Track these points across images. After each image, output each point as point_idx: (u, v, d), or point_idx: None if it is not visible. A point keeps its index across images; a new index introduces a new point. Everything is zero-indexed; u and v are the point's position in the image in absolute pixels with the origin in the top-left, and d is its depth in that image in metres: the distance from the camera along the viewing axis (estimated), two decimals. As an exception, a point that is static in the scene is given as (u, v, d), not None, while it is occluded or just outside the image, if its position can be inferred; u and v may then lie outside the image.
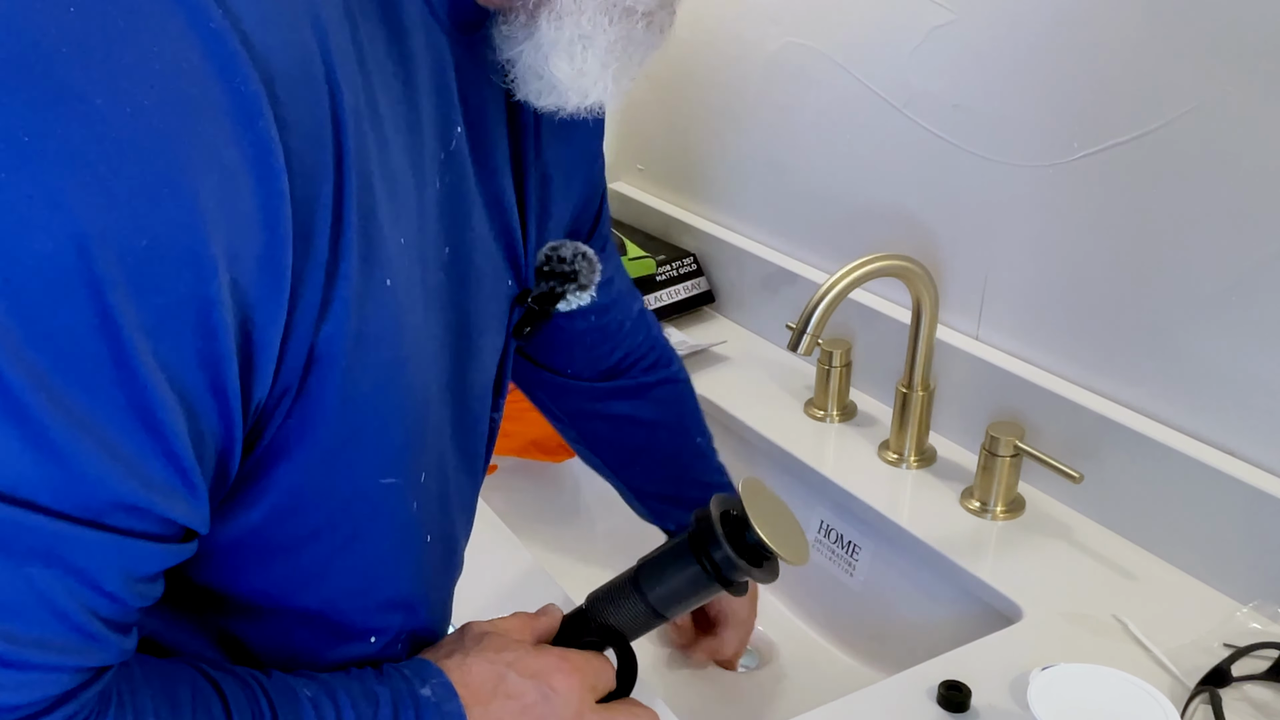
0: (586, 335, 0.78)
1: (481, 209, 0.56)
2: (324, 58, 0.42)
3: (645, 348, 0.83)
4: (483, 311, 0.58)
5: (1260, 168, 0.77)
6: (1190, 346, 0.85)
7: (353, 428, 0.48)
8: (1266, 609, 0.81)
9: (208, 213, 0.38)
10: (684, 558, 0.62)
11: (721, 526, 0.61)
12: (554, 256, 0.63)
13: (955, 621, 0.91)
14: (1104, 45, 0.84)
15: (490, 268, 0.58)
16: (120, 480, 0.39)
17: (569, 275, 0.63)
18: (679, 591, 0.63)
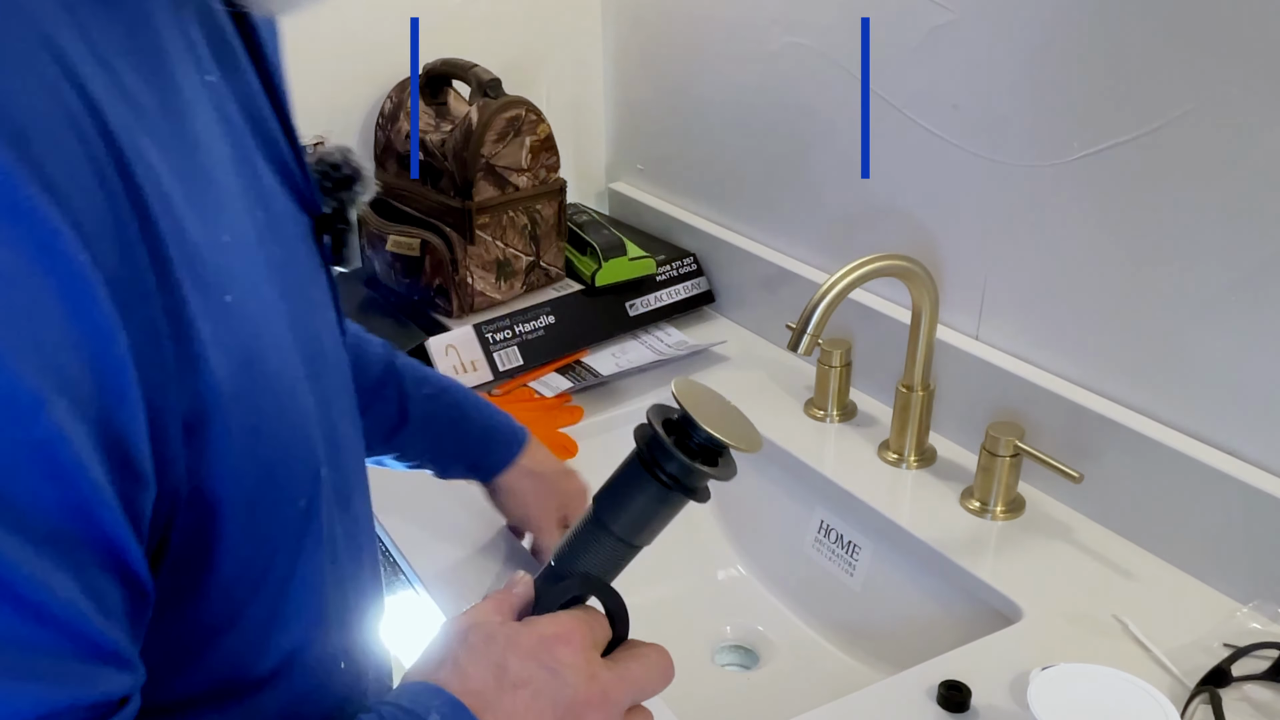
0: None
1: (259, 153, 0.50)
2: (73, 84, 0.35)
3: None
4: (300, 260, 0.53)
5: (1260, 168, 0.77)
6: (1190, 346, 0.85)
7: (260, 466, 0.44)
8: (1266, 609, 0.81)
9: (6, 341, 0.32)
10: (639, 479, 0.58)
11: (667, 434, 0.57)
12: (326, 167, 0.59)
13: (955, 621, 0.91)
14: (1104, 45, 0.84)
15: (287, 210, 0.52)
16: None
17: (351, 177, 0.60)
18: (644, 515, 0.59)
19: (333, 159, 0.59)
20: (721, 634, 1.06)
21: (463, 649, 0.53)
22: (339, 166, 0.59)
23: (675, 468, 0.57)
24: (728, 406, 0.60)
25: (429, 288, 1.24)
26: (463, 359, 1.18)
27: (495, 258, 1.24)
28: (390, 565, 0.96)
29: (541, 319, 1.23)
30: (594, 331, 1.27)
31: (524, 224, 1.25)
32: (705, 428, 0.56)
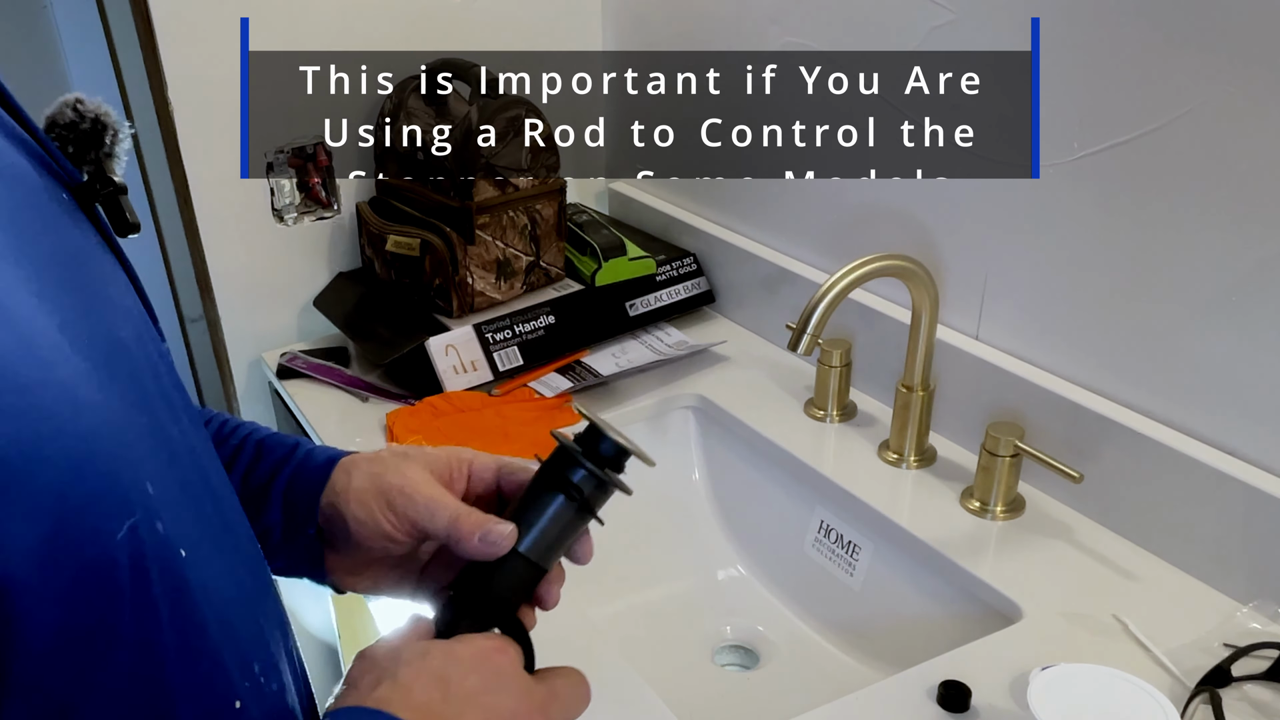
0: None
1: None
2: None
3: None
4: (53, 232, 0.43)
5: (1260, 168, 0.77)
6: (1190, 346, 0.85)
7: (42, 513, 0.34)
8: (1266, 609, 0.81)
9: None
10: (545, 495, 0.55)
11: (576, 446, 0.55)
12: (61, 129, 0.49)
13: (955, 621, 0.91)
14: (1104, 45, 0.84)
15: (28, 185, 0.44)
16: None
17: (96, 128, 0.49)
18: (552, 533, 0.55)
19: (65, 117, 0.49)
20: (721, 634, 1.06)
21: (398, 665, 0.49)
22: (75, 123, 0.49)
23: (582, 478, 0.55)
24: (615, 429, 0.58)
25: (429, 288, 1.24)
26: (463, 359, 1.18)
27: (495, 258, 1.24)
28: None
29: (541, 319, 1.23)
30: (594, 331, 1.27)
31: (524, 224, 1.25)
32: (614, 436, 0.55)
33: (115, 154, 0.50)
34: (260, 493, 0.61)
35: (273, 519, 0.61)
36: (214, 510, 0.47)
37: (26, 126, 0.46)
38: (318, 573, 0.62)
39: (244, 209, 1.29)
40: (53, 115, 0.49)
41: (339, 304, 1.33)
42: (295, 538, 0.60)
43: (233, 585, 0.46)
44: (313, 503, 0.60)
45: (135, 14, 1.18)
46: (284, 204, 1.31)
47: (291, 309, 1.36)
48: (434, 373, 1.16)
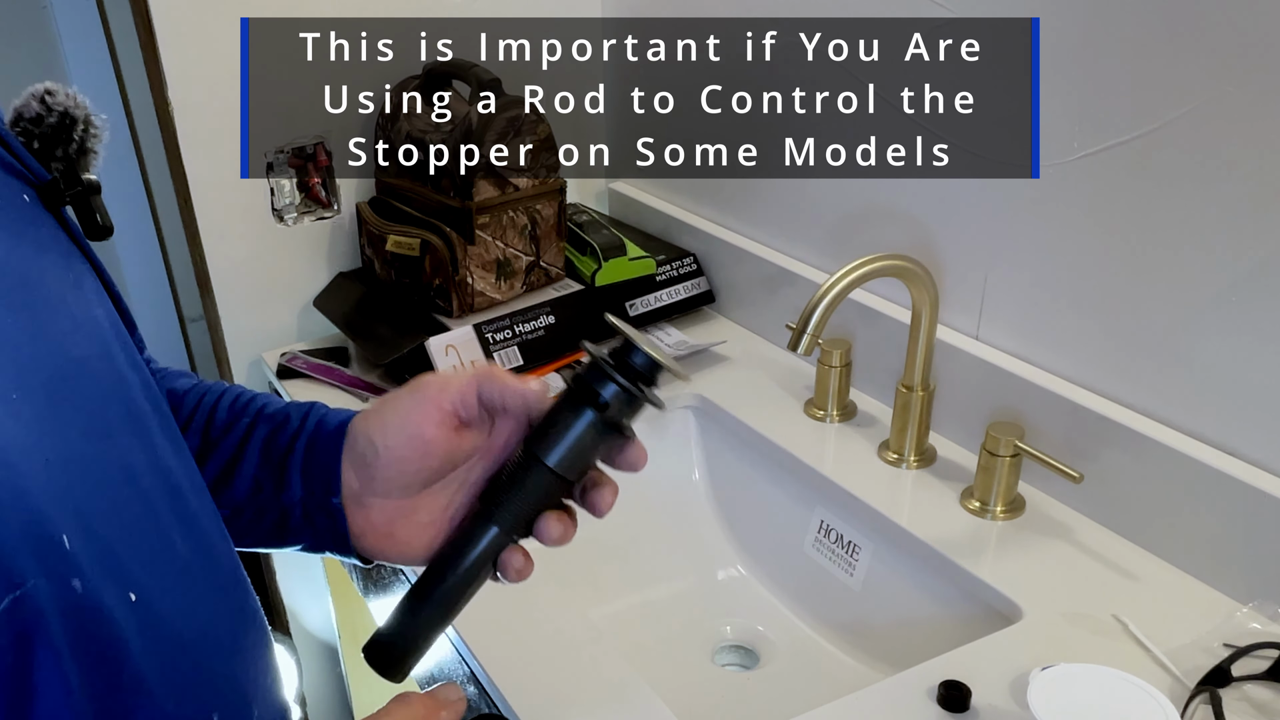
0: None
1: None
2: None
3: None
4: (28, 262, 0.40)
5: (1260, 168, 0.77)
6: (1190, 346, 0.85)
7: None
8: (1266, 609, 0.81)
9: None
10: (573, 408, 0.55)
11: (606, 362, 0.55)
12: (26, 124, 0.45)
13: (955, 621, 0.91)
14: (1104, 45, 0.84)
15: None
16: None
17: (64, 122, 0.45)
18: (579, 447, 0.55)
19: (30, 111, 0.45)
20: (721, 634, 1.06)
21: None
22: (41, 117, 0.45)
23: (615, 392, 0.55)
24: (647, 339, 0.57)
25: (429, 288, 1.24)
26: (463, 359, 1.18)
27: (495, 258, 1.24)
28: (390, 565, 0.96)
29: (541, 319, 1.23)
30: (594, 332, 1.27)
31: (524, 224, 1.25)
32: (644, 348, 0.55)
33: (91, 150, 0.46)
34: (279, 469, 0.59)
35: (293, 496, 0.59)
36: (185, 539, 0.44)
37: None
38: (343, 544, 0.59)
39: (244, 209, 1.29)
40: (19, 108, 0.45)
41: (339, 304, 1.33)
42: (318, 512, 0.59)
43: (200, 623, 0.43)
44: (333, 468, 0.58)
45: (135, 14, 1.18)
46: (284, 204, 1.31)
47: (291, 309, 1.36)
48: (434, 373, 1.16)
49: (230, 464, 0.60)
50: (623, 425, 0.56)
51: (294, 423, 0.61)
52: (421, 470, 0.57)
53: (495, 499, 0.56)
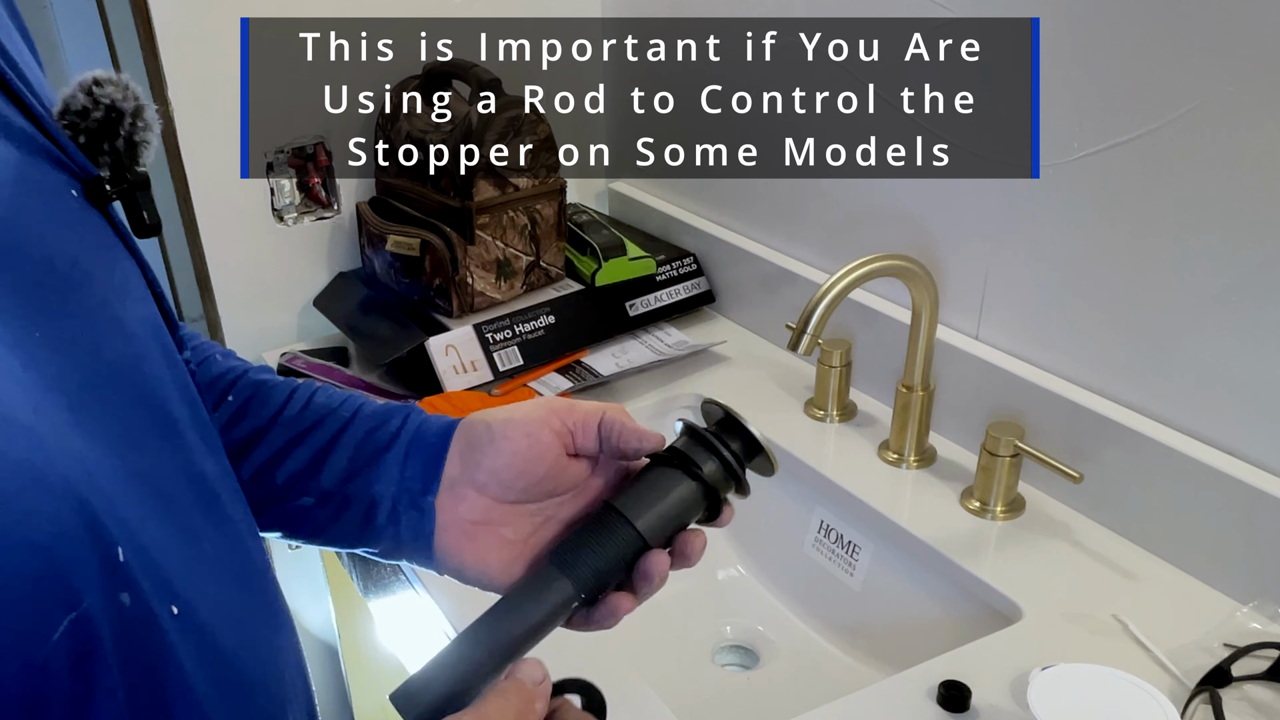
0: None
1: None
2: None
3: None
4: (38, 243, 0.38)
5: (1260, 168, 0.77)
6: (1190, 346, 0.85)
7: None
8: (1266, 609, 0.81)
9: None
10: (670, 474, 0.55)
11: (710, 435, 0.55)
12: (73, 116, 0.43)
13: (955, 621, 0.91)
14: (1104, 45, 0.84)
15: (36, 203, 0.39)
16: None
17: (111, 115, 0.43)
18: (668, 514, 0.55)
19: (77, 103, 0.43)
20: (721, 634, 1.06)
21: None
22: (88, 110, 0.43)
23: (712, 471, 0.55)
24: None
25: (429, 288, 1.24)
26: (463, 359, 1.18)
27: (495, 258, 1.24)
28: (390, 565, 0.96)
29: (541, 319, 1.23)
30: (594, 331, 1.27)
31: (524, 224, 1.25)
32: (750, 428, 0.55)
33: (143, 141, 0.44)
34: (376, 461, 0.58)
35: (386, 488, 0.58)
36: (219, 545, 0.43)
37: (32, 114, 0.41)
38: (424, 544, 0.58)
39: (244, 209, 1.29)
40: (66, 99, 0.44)
41: (339, 304, 1.33)
42: (408, 508, 0.57)
43: (238, 630, 0.43)
44: (437, 461, 0.58)
45: (135, 14, 1.18)
46: (284, 204, 1.31)
47: (291, 309, 1.36)
48: (434, 373, 1.16)
49: (323, 452, 0.59)
50: (718, 498, 0.56)
51: (396, 419, 0.60)
52: (526, 473, 0.56)
53: (573, 554, 0.54)
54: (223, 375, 0.62)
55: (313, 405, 0.61)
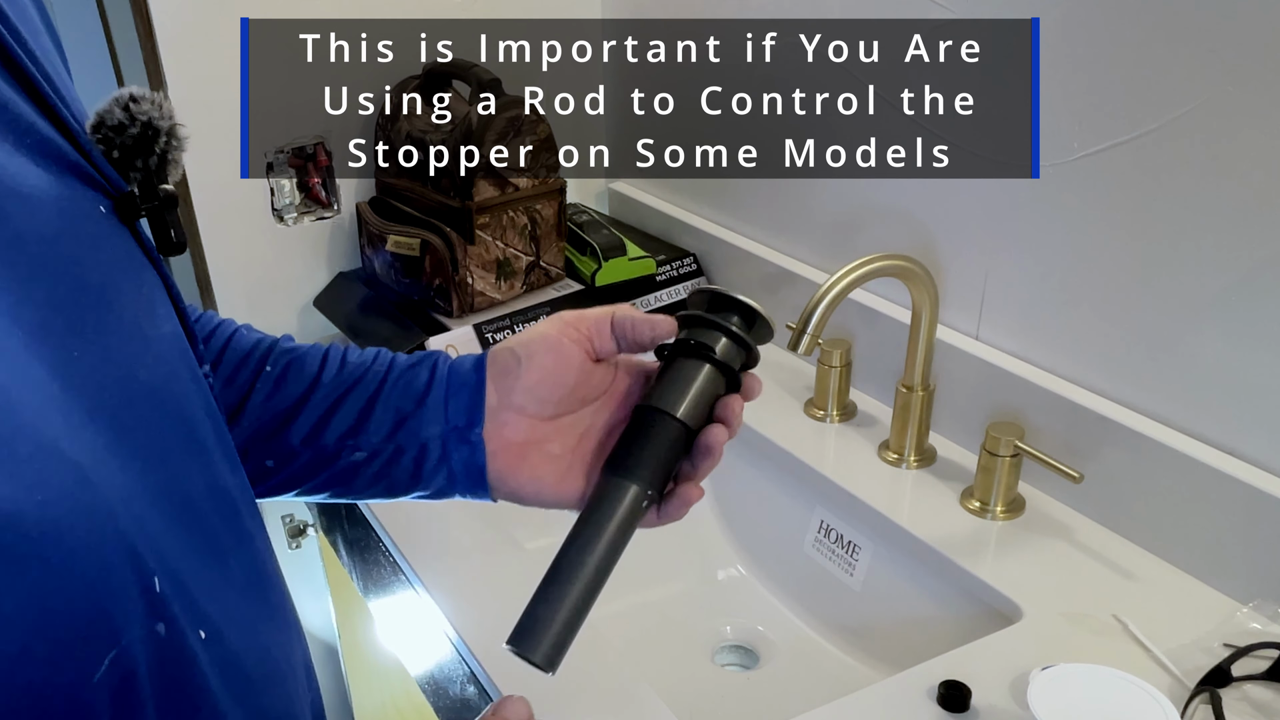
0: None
1: (10, 142, 0.37)
2: None
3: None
4: (69, 263, 0.37)
5: (1260, 168, 0.77)
6: (1190, 346, 0.85)
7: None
8: (1266, 609, 0.81)
9: None
10: (691, 363, 0.60)
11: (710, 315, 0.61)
12: (108, 131, 0.43)
13: (955, 621, 0.91)
14: (1104, 45, 0.84)
15: (37, 210, 0.37)
16: None
17: (146, 132, 0.44)
18: (700, 397, 0.59)
19: (113, 119, 0.43)
20: (721, 634, 1.06)
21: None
22: (124, 125, 0.43)
23: (724, 346, 0.61)
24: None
25: (429, 288, 1.24)
26: (463, 359, 1.18)
27: (495, 258, 1.24)
28: (390, 565, 0.96)
29: (542, 319, 1.23)
30: (594, 331, 1.27)
31: (524, 224, 1.25)
32: (741, 298, 0.61)
33: (173, 160, 0.45)
34: (420, 405, 0.61)
35: (433, 430, 0.61)
36: (241, 563, 0.43)
37: (65, 128, 0.41)
38: (478, 477, 0.61)
39: (244, 209, 1.29)
40: (101, 114, 0.44)
41: (339, 304, 1.33)
42: (459, 444, 0.61)
43: (259, 650, 0.43)
44: (477, 396, 0.61)
45: (135, 14, 1.18)
46: (284, 204, 1.31)
47: (291, 309, 1.36)
48: (434, 373, 1.16)
49: (367, 408, 0.62)
50: (735, 370, 0.61)
51: (427, 366, 0.63)
52: (559, 385, 0.60)
53: (627, 458, 0.57)
54: (257, 345, 0.65)
55: (348, 365, 0.64)
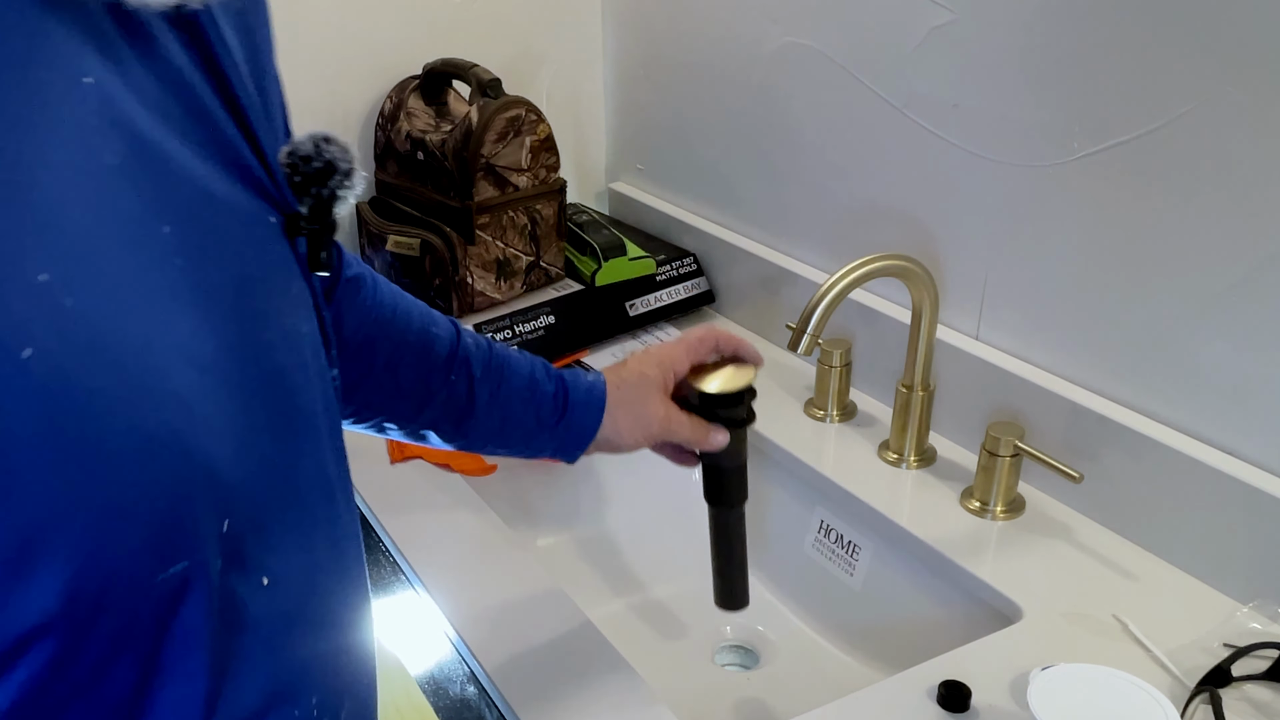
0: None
1: (182, 148, 0.44)
2: None
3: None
4: (237, 259, 0.45)
5: (1260, 168, 0.77)
6: (1190, 346, 0.85)
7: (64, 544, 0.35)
8: (1266, 609, 0.81)
9: None
10: (738, 434, 0.82)
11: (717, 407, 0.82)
12: (296, 160, 0.52)
13: (955, 621, 0.91)
14: (1104, 45, 0.84)
15: (221, 211, 0.45)
16: None
17: (328, 169, 0.52)
18: (744, 449, 0.83)
19: (303, 150, 0.51)
20: (721, 634, 1.06)
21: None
22: (310, 158, 0.51)
23: (742, 420, 0.82)
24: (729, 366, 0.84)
25: (429, 288, 1.24)
26: (463, 359, 1.18)
27: (495, 258, 1.24)
28: (391, 565, 0.96)
29: (541, 319, 1.23)
30: (594, 331, 1.27)
31: (524, 224, 1.25)
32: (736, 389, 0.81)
33: (341, 197, 0.52)
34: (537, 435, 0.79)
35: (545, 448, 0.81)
36: (327, 541, 0.51)
37: (260, 152, 0.48)
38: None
39: (244, 209, 1.29)
40: (296, 144, 0.52)
41: (339, 304, 1.33)
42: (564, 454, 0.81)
43: (318, 616, 0.50)
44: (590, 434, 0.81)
45: (135, 14, 1.18)
46: (284, 204, 1.31)
47: (291, 309, 1.36)
48: (434, 373, 1.16)
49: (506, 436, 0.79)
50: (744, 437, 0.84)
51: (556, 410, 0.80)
52: (649, 437, 0.83)
53: (726, 497, 0.84)
54: (457, 350, 0.77)
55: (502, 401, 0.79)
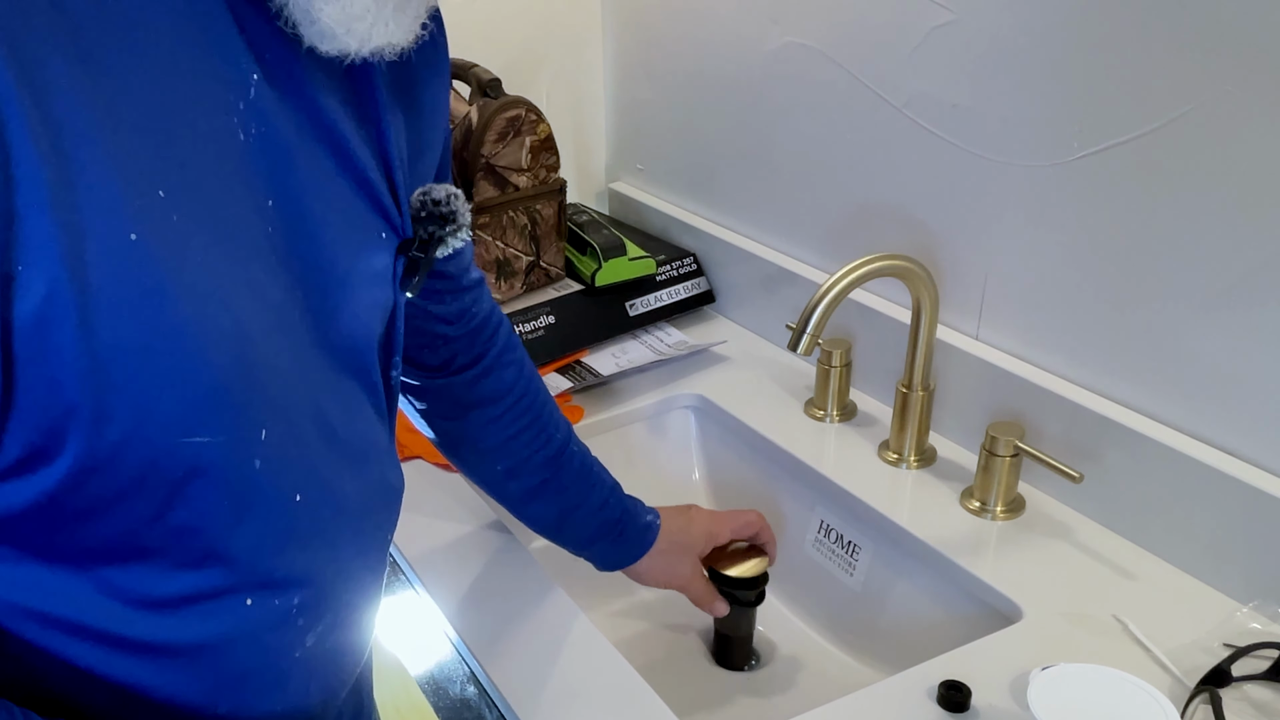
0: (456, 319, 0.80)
1: (318, 158, 0.52)
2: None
3: (496, 322, 0.85)
4: (339, 263, 0.55)
5: (1260, 168, 0.77)
6: (1190, 346, 0.85)
7: (117, 387, 0.44)
8: (1266, 609, 0.81)
9: None
10: (747, 606, 0.97)
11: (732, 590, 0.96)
12: (427, 200, 0.62)
13: (955, 621, 0.91)
14: (1104, 45, 0.84)
15: (342, 219, 0.55)
16: None
17: (447, 217, 0.62)
18: (747, 627, 1.00)
19: (435, 194, 0.62)
20: (721, 634, 1.06)
21: None
22: (441, 202, 0.61)
23: (740, 616, 0.98)
24: (738, 549, 0.98)
25: (429, 288, 1.24)
26: (463, 359, 1.18)
27: (495, 258, 1.24)
28: (390, 565, 0.96)
29: (541, 319, 1.23)
30: (594, 331, 1.27)
31: (524, 224, 1.25)
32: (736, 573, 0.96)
33: (446, 241, 0.62)
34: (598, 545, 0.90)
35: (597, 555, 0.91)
36: (356, 480, 0.59)
37: (394, 189, 0.58)
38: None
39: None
40: (431, 187, 0.62)
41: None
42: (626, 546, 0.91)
43: (330, 536, 0.57)
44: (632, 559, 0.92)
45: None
46: (284, 204, 1.31)
47: (291, 309, 1.36)
48: (434, 373, 1.16)
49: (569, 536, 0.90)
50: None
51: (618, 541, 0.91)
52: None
53: (729, 661, 1.01)
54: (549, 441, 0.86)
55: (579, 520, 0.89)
